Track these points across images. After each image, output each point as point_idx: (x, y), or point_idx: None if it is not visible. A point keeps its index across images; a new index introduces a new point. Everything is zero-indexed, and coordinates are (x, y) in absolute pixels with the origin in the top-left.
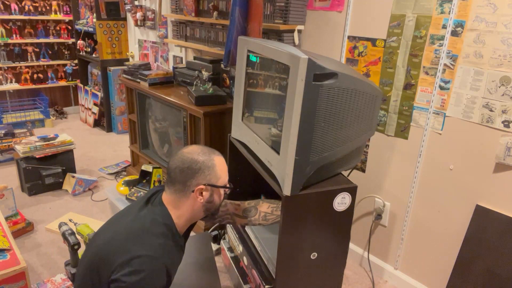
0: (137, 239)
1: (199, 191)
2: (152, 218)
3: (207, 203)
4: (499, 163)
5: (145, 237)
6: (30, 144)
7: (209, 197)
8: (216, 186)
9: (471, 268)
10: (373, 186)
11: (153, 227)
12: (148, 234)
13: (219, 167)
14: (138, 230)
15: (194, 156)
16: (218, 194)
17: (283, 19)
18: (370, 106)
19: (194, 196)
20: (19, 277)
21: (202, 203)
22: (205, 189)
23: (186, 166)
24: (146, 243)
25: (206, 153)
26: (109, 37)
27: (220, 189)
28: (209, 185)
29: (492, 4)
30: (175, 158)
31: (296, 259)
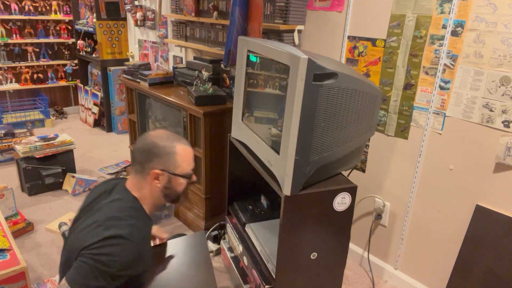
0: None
1: (154, 175)
2: (118, 205)
3: (164, 189)
4: (499, 163)
5: (114, 222)
6: (30, 144)
7: (166, 183)
8: (173, 174)
9: (471, 268)
10: (373, 186)
11: (121, 212)
12: (116, 219)
13: (180, 156)
14: (106, 218)
15: (157, 140)
16: (177, 182)
17: (283, 19)
18: (370, 106)
19: (150, 180)
20: (19, 277)
21: (159, 188)
22: (161, 174)
23: (146, 148)
24: (116, 227)
25: (170, 140)
26: (109, 37)
27: (179, 178)
28: (165, 171)
29: (492, 4)
30: (140, 139)
31: (296, 259)
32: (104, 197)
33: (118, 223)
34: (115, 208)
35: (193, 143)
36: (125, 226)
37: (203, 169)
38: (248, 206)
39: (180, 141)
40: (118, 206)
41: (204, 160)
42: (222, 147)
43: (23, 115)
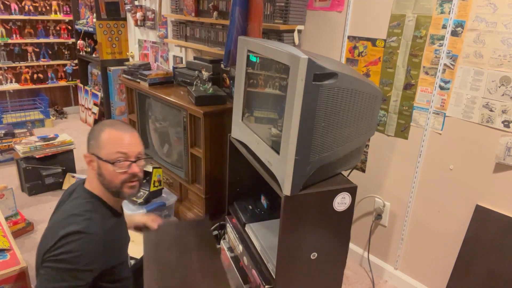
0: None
1: (87, 158)
2: (75, 203)
3: (99, 176)
4: (499, 163)
5: (70, 220)
6: (30, 144)
7: (98, 169)
8: (97, 157)
9: (471, 268)
10: (373, 186)
11: (77, 208)
12: (72, 217)
13: (105, 138)
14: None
15: (95, 126)
16: (105, 168)
17: (283, 19)
18: (370, 106)
19: (89, 167)
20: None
21: (95, 172)
22: (90, 157)
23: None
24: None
25: (105, 124)
26: (109, 37)
27: (106, 164)
28: (93, 154)
29: (492, 4)
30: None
31: (296, 259)
32: (65, 200)
33: (74, 220)
34: (72, 206)
35: (193, 143)
36: (81, 221)
37: (203, 169)
38: (248, 206)
39: (114, 126)
40: (74, 204)
41: (204, 160)
42: (222, 147)
43: (23, 115)
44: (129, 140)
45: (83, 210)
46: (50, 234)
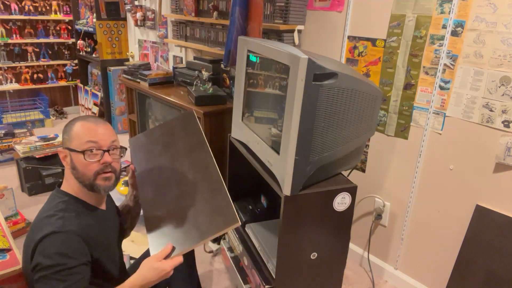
0: (38, 227)
1: (61, 154)
2: (48, 205)
3: (72, 170)
4: (499, 163)
5: (43, 222)
6: (30, 144)
7: (71, 162)
8: (68, 148)
9: (471, 268)
10: (373, 186)
11: (49, 210)
12: (45, 219)
13: (76, 129)
14: (38, 221)
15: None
16: (77, 160)
17: (283, 19)
18: (370, 106)
19: (61, 161)
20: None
21: (69, 169)
22: (63, 152)
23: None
24: (46, 225)
25: (77, 119)
26: (109, 37)
27: (77, 154)
28: (65, 148)
29: (492, 4)
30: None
31: (296, 259)
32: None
33: (47, 221)
34: (45, 209)
35: None
36: (54, 221)
37: None
38: (248, 206)
39: (86, 119)
40: (48, 207)
41: None
42: (222, 147)
43: (23, 115)
44: (101, 130)
45: (55, 211)
46: (29, 239)
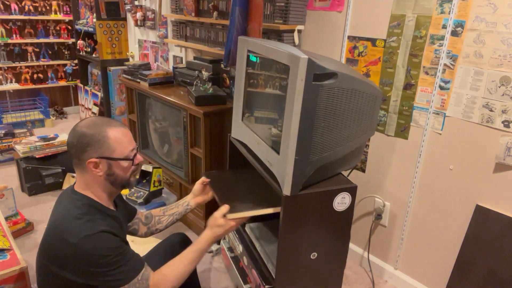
0: (67, 229)
1: (92, 164)
2: (70, 207)
3: (108, 176)
4: (499, 163)
5: (73, 224)
6: (30, 144)
7: (108, 170)
8: (111, 159)
9: (471, 268)
10: (373, 186)
11: (73, 212)
12: (74, 221)
13: (113, 139)
14: (65, 222)
15: (84, 129)
16: (118, 166)
17: (283, 19)
18: (370, 106)
19: (90, 170)
20: (19, 277)
21: (102, 176)
22: (99, 162)
23: (76, 140)
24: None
25: (98, 126)
26: (109, 37)
27: (119, 162)
28: (103, 158)
29: (492, 4)
30: (70, 133)
31: (296, 259)
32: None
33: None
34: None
35: (193, 143)
36: (84, 223)
37: (203, 169)
38: None
39: (110, 125)
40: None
41: (204, 160)
42: (222, 147)
43: (23, 115)
44: (129, 133)
45: (81, 213)
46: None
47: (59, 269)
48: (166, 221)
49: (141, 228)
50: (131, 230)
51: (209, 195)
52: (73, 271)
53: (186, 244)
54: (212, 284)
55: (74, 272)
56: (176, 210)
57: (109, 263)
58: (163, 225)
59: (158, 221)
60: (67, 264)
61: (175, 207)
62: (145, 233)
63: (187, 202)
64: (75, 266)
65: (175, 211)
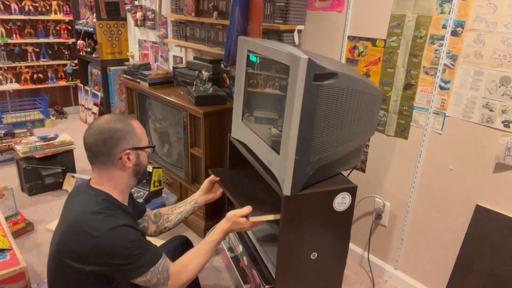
0: (86, 223)
1: (126, 155)
2: (89, 202)
3: (136, 166)
4: (499, 163)
5: (93, 218)
6: (30, 144)
7: (136, 160)
8: (141, 148)
9: (471, 268)
10: (373, 186)
11: (93, 207)
12: (94, 215)
13: (138, 130)
14: (84, 215)
15: (112, 124)
16: (143, 155)
17: (283, 19)
18: (370, 106)
19: (122, 163)
20: (19, 277)
21: (131, 167)
22: (131, 153)
23: (106, 136)
24: (98, 222)
25: (122, 120)
26: (109, 37)
27: (144, 151)
28: (134, 149)
29: (492, 4)
30: (91, 132)
31: (296, 259)
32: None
33: (97, 218)
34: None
35: (193, 143)
36: (106, 218)
37: (203, 169)
38: None
39: (130, 118)
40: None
41: (204, 160)
42: (222, 147)
43: (23, 115)
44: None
45: (100, 208)
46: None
47: (81, 263)
48: (174, 219)
49: (150, 226)
50: (141, 228)
51: (217, 193)
52: (96, 264)
53: (188, 247)
54: (212, 284)
55: (97, 265)
56: (184, 208)
57: (131, 255)
58: (171, 223)
59: (166, 219)
60: (90, 258)
61: (183, 205)
62: (154, 231)
63: (195, 200)
64: (99, 259)
65: (183, 209)
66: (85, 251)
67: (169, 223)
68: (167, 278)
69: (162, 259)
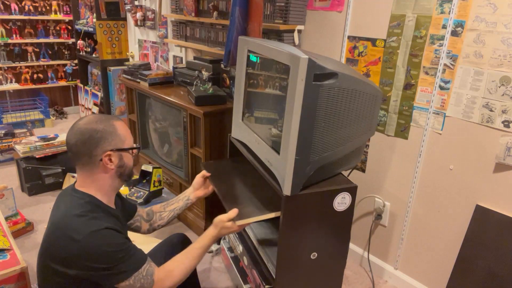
0: (70, 226)
1: (107, 157)
2: (72, 205)
3: (119, 168)
4: (499, 163)
5: (76, 221)
6: (30, 144)
7: (119, 161)
8: (123, 149)
9: (471, 268)
10: (373, 186)
11: (76, 210)
12: (77, 218)
13: (121, 131)
14: (67, 219)
15: (93, 125)
16: (127, 157)
17: (283, 19)
18: (370, 106)
19: (103, 164)
20: (19, 277)
21: (114, 169)
22: (113, 154)
23: (87, 136)
24: (82, 225)
25: (104, 120)
26: (109, 37)
27: (128, 152)
28: (116, 150)
29: (492, 4)
30: (73, 132)
31: (296, 259)
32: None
33: (81, 221)
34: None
35: (193, 143)
36: (88, 221)
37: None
38: None
39: (113, 118)
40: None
41: (204, 160)
42: (222, 147)
43: (23, 115)
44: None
45: (84, 211)
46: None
47: (64, 267)
48: (167, 216)
49: (143, 225)
50: (133, 227)
51: (210, 189)
52: (78, 268)
53: (186, 245)
54: (212, 284)
55: (79, 269)
56: (177, 205)
57: (114, 259)
58: (164, 221)
59: (159, 217)
60: (72, 261)
61: (175, 202)
62: (148, 229)
63: (187, 196)
64: (81, 263)
65: (176, 206)
66: (67, 255)
67: (162, 221)
68: (151, 283)
69: (146, 264)
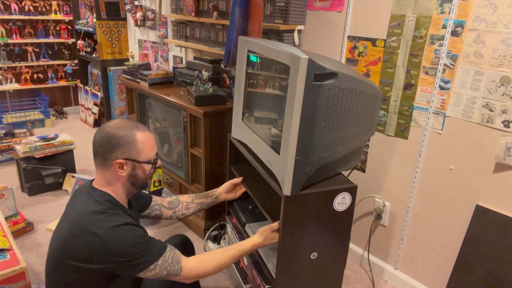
0: (90, 222)
1: (118, 165)
2: (90, 203)
3: (130, 177)
4: (499, 163)
5: (96, 217)
6: (30, 144)
7: (131, 171)
8: (137, 161)
9: (471, 268)
10: (373, 186)
11: (95, 207)
12: (96, 215)
13: (141, 143)
14: (86, 215)
15: (115, 130)
16: (141, 169)
17: (283, 19)
18: (370, 106)
19: (114, 170)
20: (19, 277)
21: (125, 176)
22: (125, 163)
23: (105, 140)
24: (102, 221)
25: (128, 128)
26: (109, 37)
27: (143, 164)
28: (129, 160)
29: (492, 4)
30: (99, 131)
31: (296, 259)
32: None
33: (101, 217)
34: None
35: (193, 143)
36: (109, 217)
37: (203, 169)
38: (248, 206)
39: (138, 128)
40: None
41: (204, 160)
42: (222, 147)
43: (23, 115)
44: (153, 138)
45: (103, 208)
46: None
47: (85, 263)
48: (193, 208)
49: (164, 212)
50: (153, 216)
51: (237, 194)
52: (101, 262)
53: (187, 246)
54: (212, 284)
55: (102, 264)
56: (205, 201)
57: (136, 251)
58: (190, 212)
59: (186, 207)
60: (95, 256)
61: (204, 197)
62: (171, 216)
63: (217, 195)
64: (105, 257)
65: (204, 201)
66: (91, 251)
67: (187, 211)
68: (179, 269)
69: (170, 251)
